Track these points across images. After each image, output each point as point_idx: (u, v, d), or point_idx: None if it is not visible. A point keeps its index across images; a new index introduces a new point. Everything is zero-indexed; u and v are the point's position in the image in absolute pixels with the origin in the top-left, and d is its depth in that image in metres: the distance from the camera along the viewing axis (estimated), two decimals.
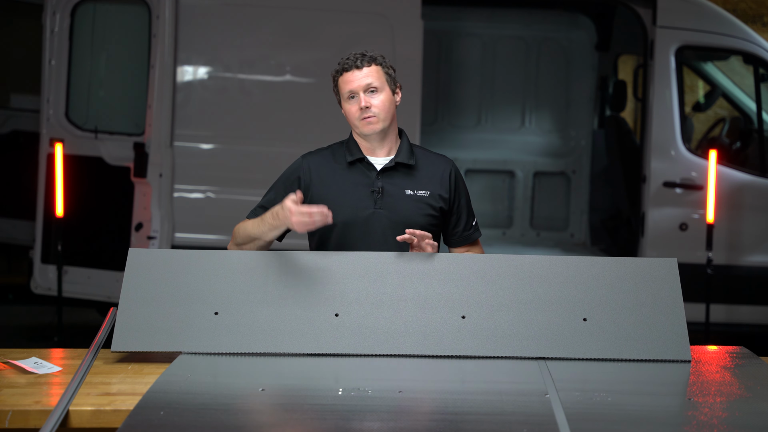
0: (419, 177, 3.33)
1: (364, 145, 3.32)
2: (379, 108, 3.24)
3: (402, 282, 3.07)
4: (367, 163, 3.31)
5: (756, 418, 2.52)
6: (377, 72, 3.25)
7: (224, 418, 2.42)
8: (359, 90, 3.23)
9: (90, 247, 6.53)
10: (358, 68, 3.23)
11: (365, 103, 3.22)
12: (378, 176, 3.30)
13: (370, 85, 3.23)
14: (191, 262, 3.10)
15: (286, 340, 2.97)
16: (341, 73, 3.27)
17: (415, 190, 3.31)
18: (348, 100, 3.26)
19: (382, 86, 3.25)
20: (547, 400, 2.57)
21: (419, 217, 3.28)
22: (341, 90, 3.28)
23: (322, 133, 5.06)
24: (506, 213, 8.15)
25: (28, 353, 3.01)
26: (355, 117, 3.25)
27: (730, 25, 6.62)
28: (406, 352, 2.96)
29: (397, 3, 6.31)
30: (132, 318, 3.00)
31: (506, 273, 3.09)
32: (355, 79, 3.23)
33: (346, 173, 3.31)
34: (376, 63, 3.26)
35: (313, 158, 3.37)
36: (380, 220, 3.27)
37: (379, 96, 3.24)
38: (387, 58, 3.33)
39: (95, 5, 6.40)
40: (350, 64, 3.25)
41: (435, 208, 3.33)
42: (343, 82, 3.26)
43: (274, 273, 3.07)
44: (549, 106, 8.16)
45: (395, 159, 3.31)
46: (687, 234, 6.42)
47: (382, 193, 3.28)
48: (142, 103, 6.26)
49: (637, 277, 3.09)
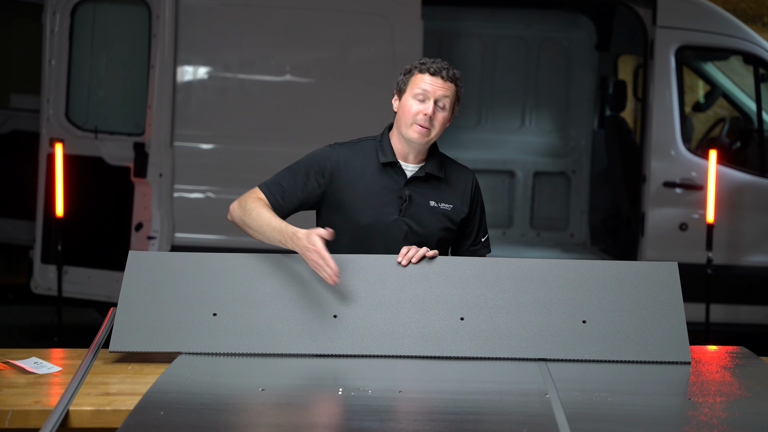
0: (445, 190, 3.31)
1: (398, 148, 3.28)
2: (438, 123, 3.21)
3: (401, 284, 3.07)
4: (398, 167, 3.28)
5: (756, 418, 2.52)
6: (453, 91, 3.24)
7: (224, 418, 2.43)
8: (433, 97, 3.20)
9: (90, 247, 6.53)
10: (443, 79, 3.21)
11: (431, 112, 3.19)
12: (407, 184, 3.28)
13: (443, 100, 3.21)
14: (190, 264, 3.11)
15: (284, 341, 2.98)
16: (423, 72, 3.21)
17: (439, 203, 3.30)
18: (415, 98, 3.21)
19: (450, 107, 3.24)
20: (547, 400, 2.58)
21: (438, 231, 3.28)
22: (413, 84, 3.22)
23: (322, 132, 5.07)
24: (506, 213, 8.15)
25: (28, 353, 3.01)
26: (412, 117, 3.20)
27: (730, 25, 6.61)
28: (405, 353, 2.97)
29: (397, 3, 6.30)
30: (130, 319, 3.00)
31: (505, 276, 3.09)
32: (435, 85, 3.20)
33: (376, 175, 3.27)
34: (457, 84, 3.25)
35: (343, 152, 3.30)
36: (401, 227, 3.25)
37: (443, 113, 3.22)
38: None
39: (95, 5, 6.40)
40: (438, 69, 3.20)
41: (455, 222, 3.32)
42: (421, 80, 3.21)
43: (273, 275, 3.08)
44: (549, 106, 8.16)
45: (425, 169, 3.29)
46: (687, 234, 6.42)
47: (409, 202, 3.26)
48: (142, 103, 6.25)
49: (638, 280, 3.09)
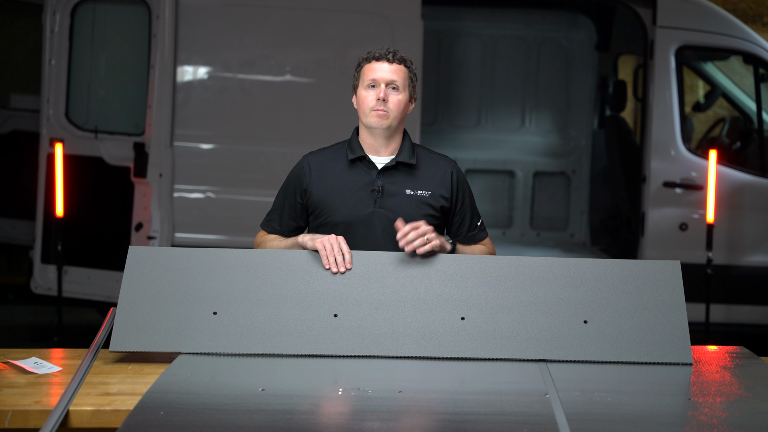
0: (420, 177, 3.33)
1: (367, 143, 3.32)
2: (394, 105, 3.25)
3: (401, 283, 3.07)
4: (368, 161, 3.31)
5: (756, 418, 2.52)
6: (404, 73, 3.28)
7: (224, 418, 2.42)
8: (382, 82, 3.24)
9: (90, 247, 6.53)
10: (389, 62, 3.25)
11: (384, 95, 3.23)
12: (378, 175, 3.30)
13: (394, 81, 3.25)
14: (191, 260, 3.11)
15: (285, 341, 2.98)
16: (369, 61, 3.27)
17: (415, 190, 3.31)
18: (367, 88, 3.26)
19: (404, 88, 3.27)
20: (547, 401, 2.57)
21: (419, 217, 3.27)
22: (363, 76, 3.28)
23: (322, 133, 5.06)
24: (506, 213, 8.15)
25: (28, 353, 3.01)
26: (369, 106, 3.25)
27: (730, 25, 6.61)
28: (406, 353, 2.96)
29: (397, 3, 6.31)
30: (131, 317, 3.00)
31: (506, 274, 3.09)
32: (382, 70, 3.24)
33: (347, 172, 3.32)
34: (406, 65, 3.29)
35: (313, 157, 3.38)
36: (380, 219, 3.27)
37: (397, 95, 3.25)
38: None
39: (95, 5, 6.40)
40: (382, 54, 3.26)
41: (435, 208, 3.33)
42: (369, 70, 3.26)
43: (274, 272, 3.08)
44: (549, 106, 8.16)
45: (396, 158, 3.31)
46: (687, 234, 6.42)
47: (383, 193, 3.28)
48: (142, 103, 6.26)
49: (640, 279, 3.09)
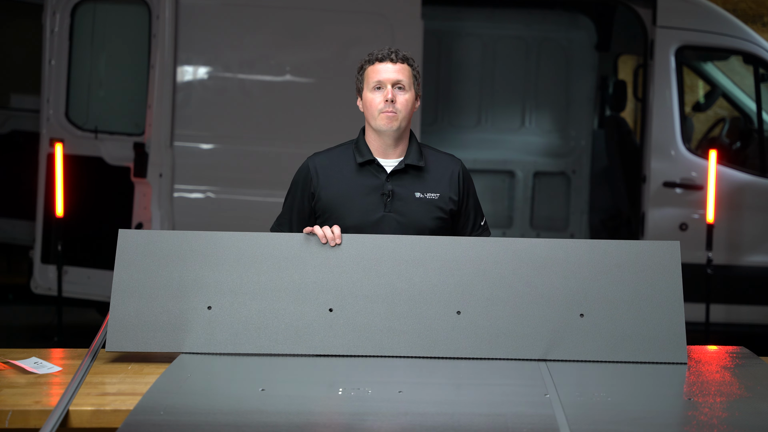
0: (429, 179, 3.31)
1: (375, 146, 3.29)
2: (402, 105, 3.23)
3: (396, 271, 3.03)
4: (377, 165, 3.29)
5: (756, 418, 2.51)
6: (408, 71, 3.25)
7: (224, 419, 2.42)
8: (388, 83, 3.22)
9: (90, 247, 6.53)
10: (393, 62, 3.23)
11: (391, 96, 3.20)
12: (388, 179, 3.28)
13: (400, 81, 3.23)
14: (182, 243, 3.05)
15: (282, 339, 2.97)
16: (373, 63, 3.24)
17: (424, 193, 3.29)
18: (373, 90, 3.23)
19: (409, 86, 3.25)
20: (547, 400, 2.57)
21: (429, 221, 3.27)
22: (368, 79, 3.25)
23: (322, 133, 5.08)
24: (506, 213, 8.15)
25: (28, 353, 3.01)
26: (377, 108, 3.22)
27: (730, 25, 6.61)
28: (402, 353, 2.96)
29: (397, 3, 6.30)
30: (125, 314, 2.98)
31: (503, 259, 3.05)
32: (387, 70, 3.22)
33: (356, 175, 3.28)
34: (409, 63, 3.27)
35: (319, 159, 3.34)
36: (390, 223, 3.25)
37: (404, 95, 3.23)
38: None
39: (95, 5, 6.40)
40: (385, 55, 3.23)
41: (445, 210, 3.31)
42: (373, 72, 3.24)
43: (267, 259, 3.04)
44: (549, 106, 8.15)
45: (405, 161, 3.29)
46: (687, 234, 6.42)
47: (392, 197, 3.26)
48: (142, 103, 6.26)
49: (638, 262, 3.04)
